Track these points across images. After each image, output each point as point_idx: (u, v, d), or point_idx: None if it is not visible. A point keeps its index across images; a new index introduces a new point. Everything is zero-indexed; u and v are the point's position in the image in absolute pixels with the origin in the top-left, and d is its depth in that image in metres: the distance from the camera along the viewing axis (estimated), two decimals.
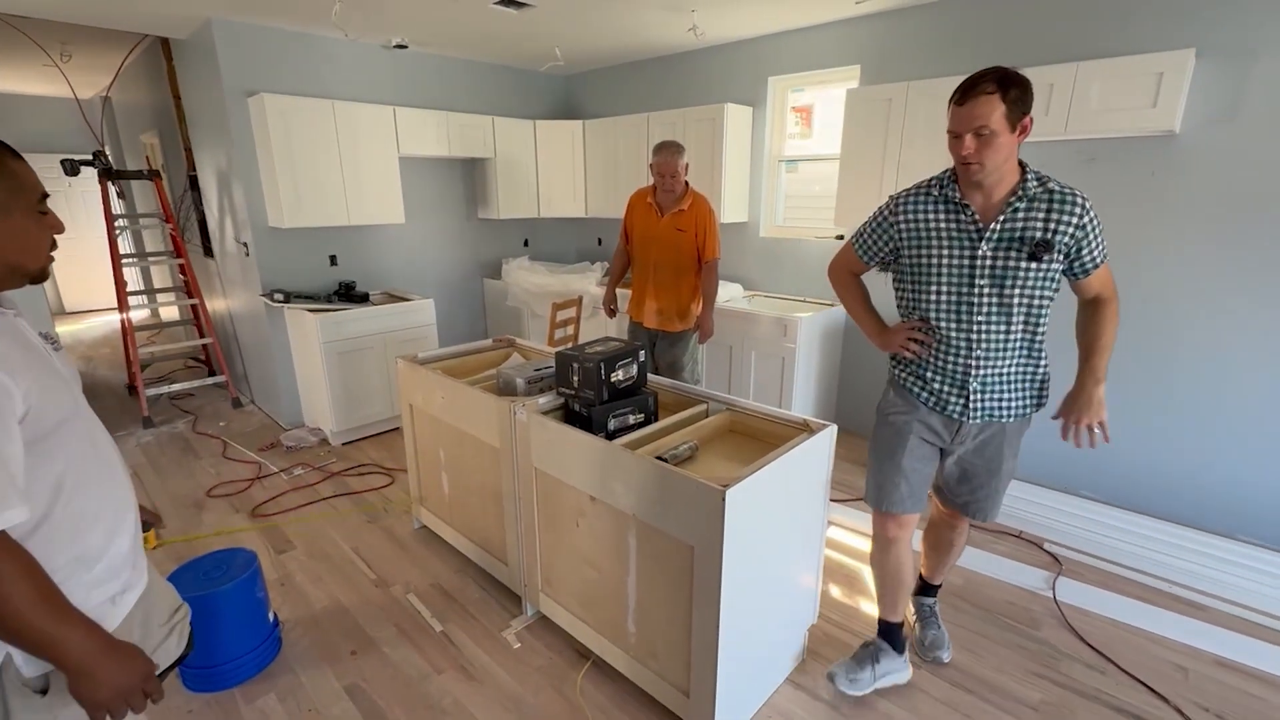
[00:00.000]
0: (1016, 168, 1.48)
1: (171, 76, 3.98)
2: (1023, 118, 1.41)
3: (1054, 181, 1.47)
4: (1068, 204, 1.44)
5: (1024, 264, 1.48)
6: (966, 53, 2.94)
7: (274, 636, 2.01)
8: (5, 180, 0.91)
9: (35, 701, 0.97)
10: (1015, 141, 1.42)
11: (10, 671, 0.94)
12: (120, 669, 0.95)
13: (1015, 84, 1.38)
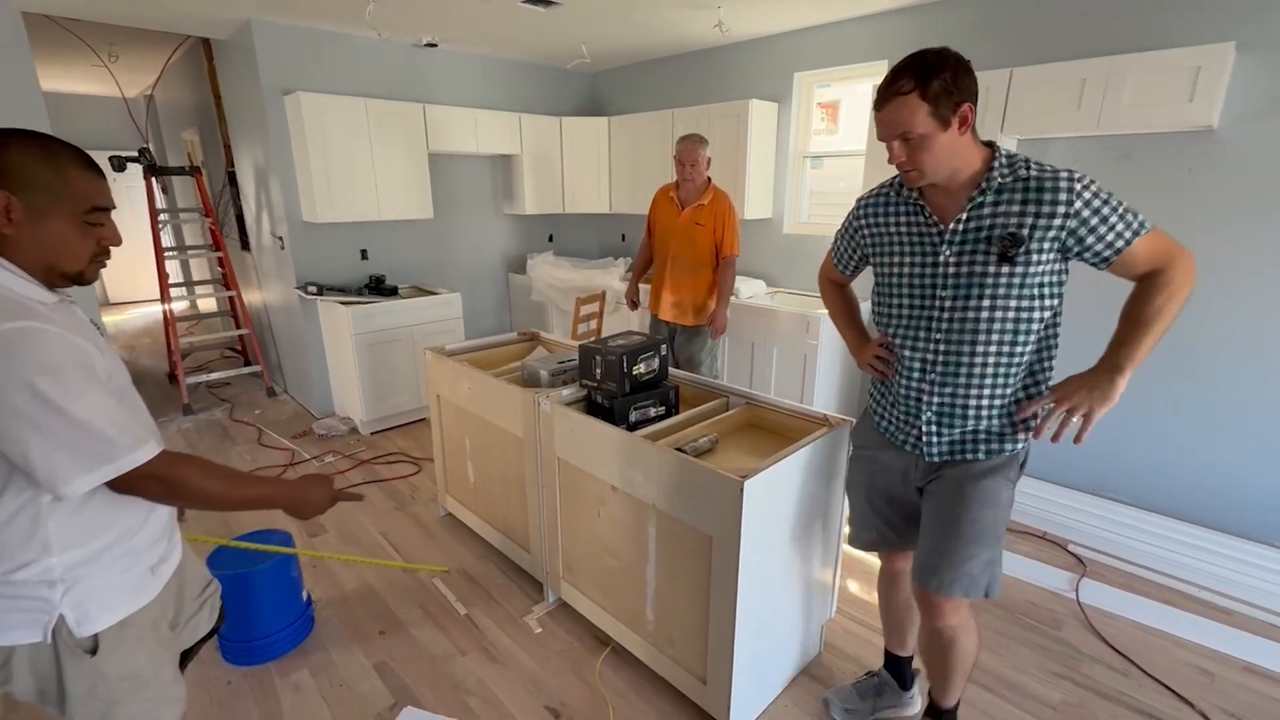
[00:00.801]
0: (978, 157, 1.24)
1: (212, 76, 4.12)
2: (957, 108, 1.18)
3: (1034, 165, 1.22)
4: (1047, 189, 1.19)
5: (993, 269, 1.24)
6: (995, 47, 2.90)
7: (307, 615, 2.10)
8: (51, 186, 0.96)
9: (85, 661, 1.04)
10: (957, 136, 1.20)
11: (63, 633, 1.01)
12: (314, 490, 1.22)
13: (939, 72, 1.16)
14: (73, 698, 1.04)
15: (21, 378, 0.86)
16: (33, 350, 0.87)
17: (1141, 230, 1.20)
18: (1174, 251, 1.22)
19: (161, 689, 1.15)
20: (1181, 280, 1.22)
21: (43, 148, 0.96)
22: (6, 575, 0.96)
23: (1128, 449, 2.81)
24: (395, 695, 1.84)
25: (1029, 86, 2.59)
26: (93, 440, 0.92)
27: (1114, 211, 1.20)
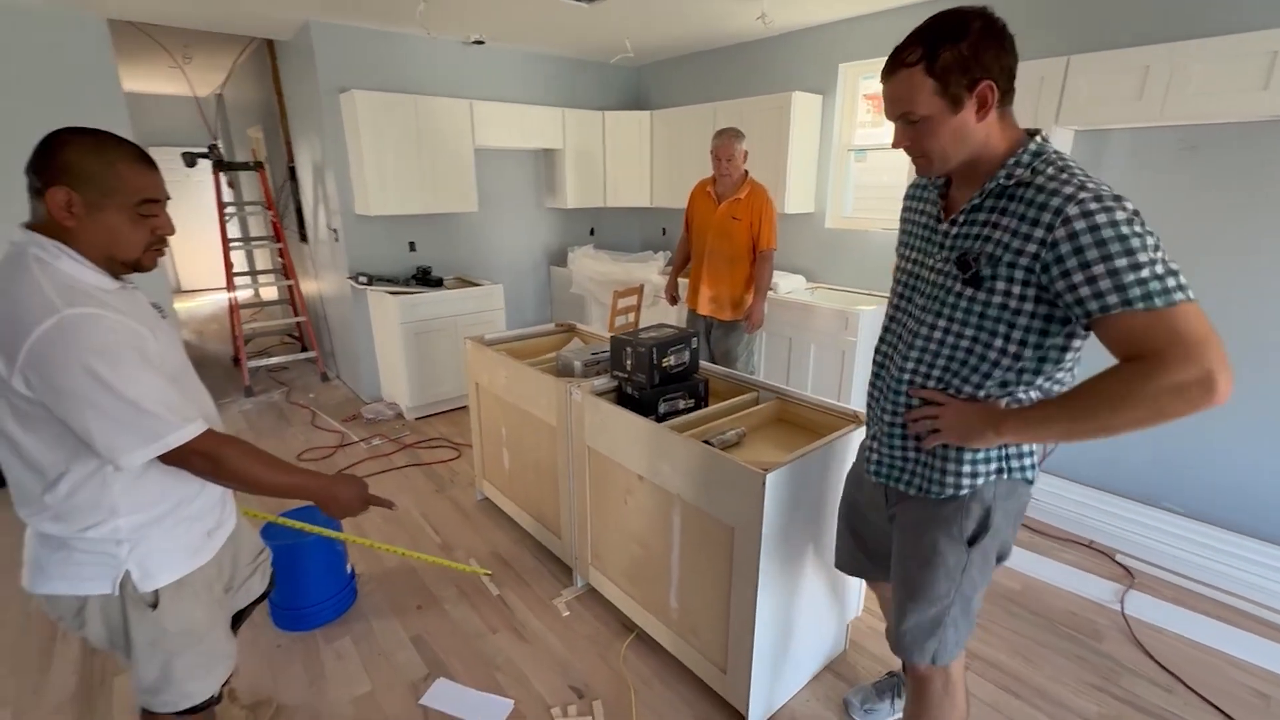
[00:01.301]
0: (1004, 148, 1.03)
1: (275, 75, 4.34)
2: (975, 85, 0.97)
3: (1052, 171, 0.97)
4: (1037, 205, 0.96)
5: (958, 287, 1.07)
6: (1052, 34, 2.77)
7: (351, 587, 2.22)
8: (105, 179, 1.03)
9: (148, 614, 1.15)
10: (972, 120, 1.00)
11: (129, 587, 1.12)
12: (346, 490, 1.26)
13: (953, 41, 0.96)
14: (137, 646, 1.15)
15: (80, 360, 0.95)
16: (90, 335, 0.96)
17: (1137, 305, 0.88)
18: (1171, 353, 0.87)
19: (214, 644, 1.26)
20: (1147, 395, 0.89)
21: (96, 145, 1.04)
22: (80, 533, 1.07)
23: (1184, 458, 2.67)
24: (429, 667, 1.93)
25: (1086, 75, 2.48)
26: (144, 418, 1.00)
27: (1106, 260, 0.89)
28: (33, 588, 1.11)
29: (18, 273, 0.98)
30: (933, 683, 1.28)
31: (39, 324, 0.93)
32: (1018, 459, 1.14)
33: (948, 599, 1.19)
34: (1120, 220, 0.90)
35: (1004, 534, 1.18)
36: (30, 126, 3.51)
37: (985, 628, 2.09)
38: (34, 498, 1.06)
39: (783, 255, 3.98)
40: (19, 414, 1.00)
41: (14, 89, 3.15)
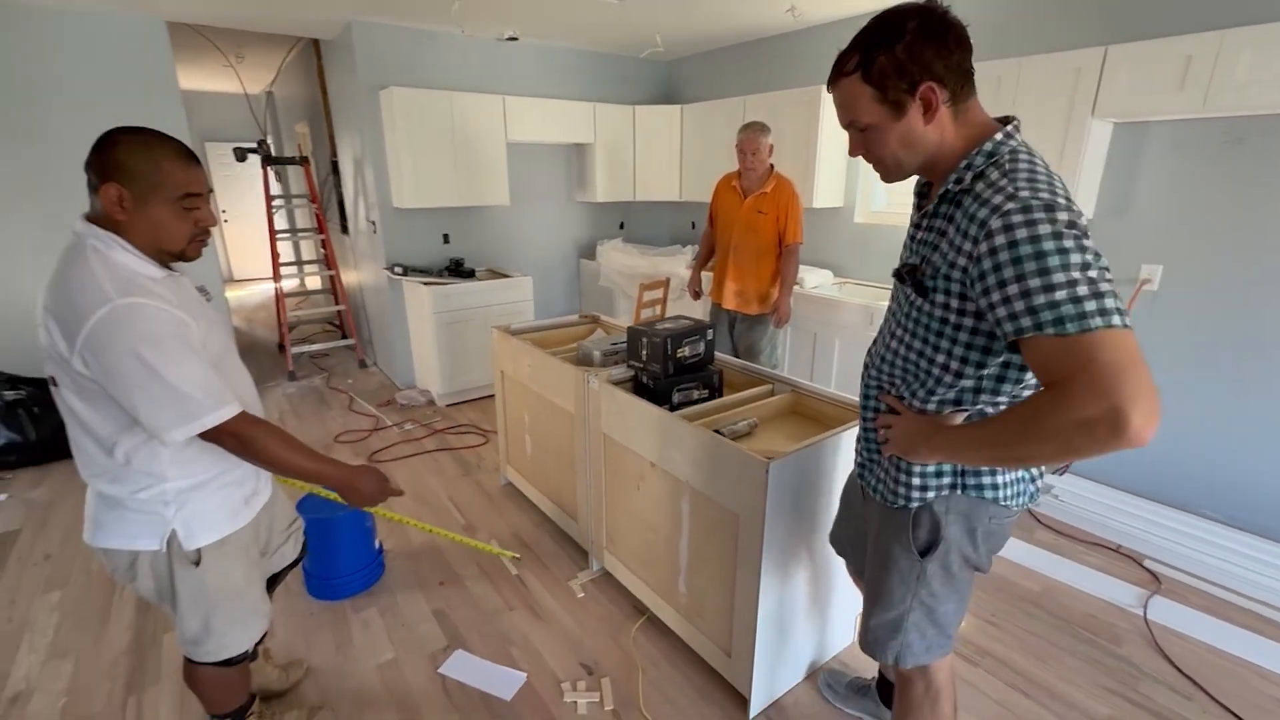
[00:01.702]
0: (959, 148, 0.98)
1: (320, 73, 4.51)
2: (915, 88, 0.93)
3: (994, 174, 0.91)
4: (968, 217, 0.91)
5: (912, 296, 1.05)
6: (1088, 23, 2.69)
7: (379, 561, 2.33)
8: (150, 175, 1.13)
9: (192, 570, 1.26)
10: (919, 124, 0.96)
11: (175, 545, 1.23)
12: (367, 480, 1.34)
13: (888, 44, 0.93)
14: (181, 599, 1.27)
15: (128, 346, 1.05)
16: (137, 323, 1.06)
17: (1047, 329, 0.81)
18: (1079, 383, 0.79)
19: (251, 602, 1.36)
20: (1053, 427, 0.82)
21: (143, 143, 1.13)
22: (132, 495, 1.18)
23: (1222, 465, 2.57)
24: (449, 639, 2.03)
25: (1125, 66, 2.40)
26: (183, 401, 1.10)
27: (1019, 279, 0.83)
28: (92, 541, 1.24)
29: (77, 262, 1.09)
30: (914, 685, 1.30)
31: (94, 312, 1.04)
32: (974, 475, 1.08)
33: (905, 605, 1.19)
34: (1043, 235, 0.82)
35: (965, 549, 1.14)
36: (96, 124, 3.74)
37: (999, 626, 2.08)
38: (94, 462, 1.18)
39: (810, 250, 3.96)
40: (81, 389, 1.11)
41: (82, 89, 3.38)
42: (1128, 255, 2.73)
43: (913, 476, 1.11)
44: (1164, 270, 2.64)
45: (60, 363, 1.09)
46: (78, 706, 1.77)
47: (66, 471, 3.20)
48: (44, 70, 3.28)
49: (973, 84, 0.99)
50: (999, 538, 1.16)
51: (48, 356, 1.12)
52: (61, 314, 1.06)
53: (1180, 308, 2.62)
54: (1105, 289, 0.81)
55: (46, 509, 2.83)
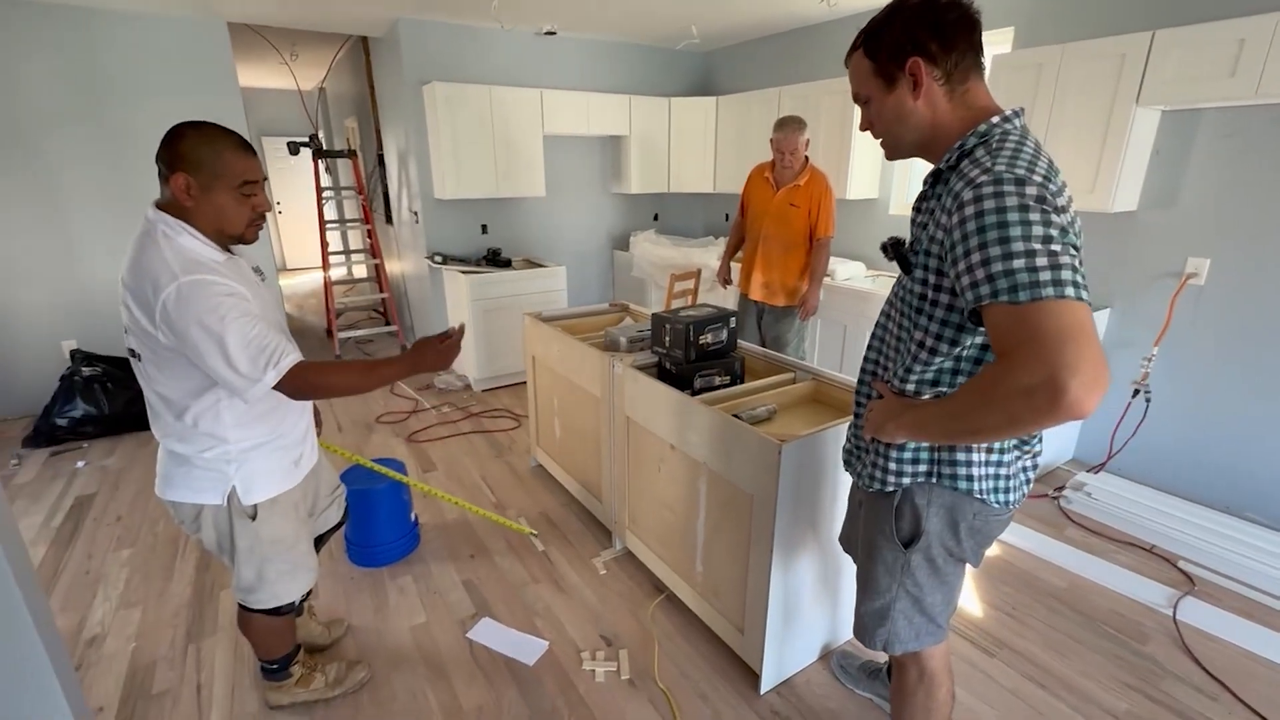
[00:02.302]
0: (955, 130, 1.00)
1: (368, 70, 4.70)
2: (902, 64, 0.98)
3: (980, 152, 0.94)
4: (950, 193, 0.93)
5: (901, 275, 1.10)
6: (1135, 7, 2.60)
7: (414, 533, 2.47)
8: (214, 164, 1.24)
9: (248, 524, 1.39)
10: (909, 99, 0.99)
11: (234, 500, 1.36)
12: (426, 354, 1.41)
13: (887, 22, 0.99)
14: (239, 550, 1.40)
15: (194, 317, 1.17)
16: (201, 297, 1.18)
17: (1001, 297, 0.82)
18: (1021, 351, 0.80)
19: (300, 556, 1.49)
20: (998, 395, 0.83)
21: (206, 136, 1.25)
22: (199, 454, 1.32)
23: (1267, 466, 2.48)
24: (477, 607, 2.14)
25: (1173, 50, 2.32)
26: (251, 362, 1.21)
27: (981, 248, 0.85)
28: (162, 494, 1.38)
29: (149, 246, 1.22)
30: (907, 671, 1.33)
31: (164, 289, 1.16)
32: (949, 465, 1.08)
33: (890, 594, 1.22)
34: (1009, 205, 0.84)
35: (948, 543, 1.15)
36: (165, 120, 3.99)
37: (1020, 620, 2.07)
38: (166, 425, 1.32)
39: (844, 242, 3.94)
40: (159, 360, 1.25)
41: (153, 87, 3.62)
42: (1173, 248, 2.64)
43: (889, 460, 1.13)
44: (1211, 264, 2.55)
45: (142, 336, 1.23)
46: (145, 651, 1.95)
47: (135, 441, 3.47)
48: (120, 70, 3.54)
49: (976, 67, 1.00)
50: (986, 535, 1.16)
51: (129, 331, 1.26)
52: (140, 293, 1.19)
53: (1228, 304, 2.53)
54: (1065, 262, 0.81)
55: (119, 475, 3.09)
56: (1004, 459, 1.09)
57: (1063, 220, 0.86)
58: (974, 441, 1.03)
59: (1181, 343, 2.66)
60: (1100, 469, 2.91)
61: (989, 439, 1.00)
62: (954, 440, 1.04)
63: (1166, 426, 2.74)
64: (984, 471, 1.09)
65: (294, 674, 1.70)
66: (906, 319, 1.09)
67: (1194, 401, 2.66)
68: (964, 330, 1.00)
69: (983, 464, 1.08)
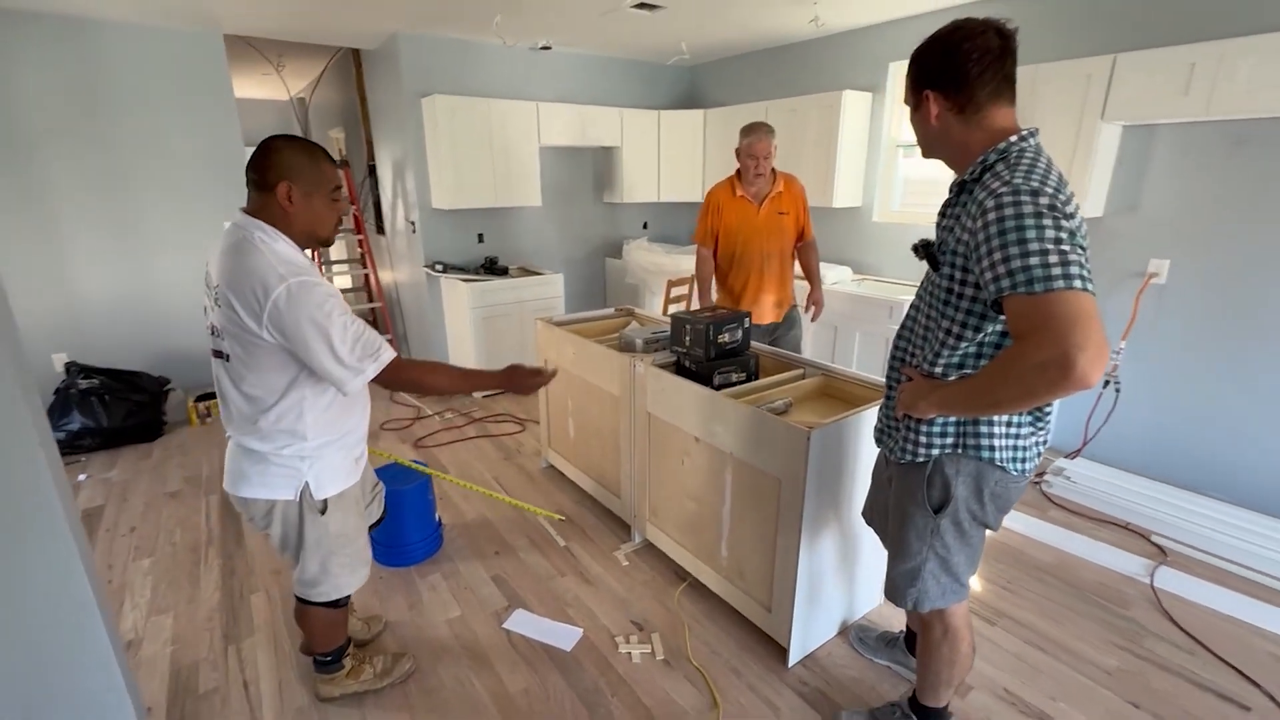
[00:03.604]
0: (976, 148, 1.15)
1: (359, 81, 4.74)
2: (919, 93, 1.18)
3: (1000, 167, 1.09)
4: (975, 201, 1.09)
5: (930, 271, 1.26)
6: (1098, 33, 2.86)
7: (438, 534, 2.53)
8: (315, 173, 1.35)
9: (318, 518, 1.47)
10: (929, 121, 1.18)
11: (306, 495, 1.43)
12: (517, 376, 1.59)
13: (917, 54, 1.19)
14: (308, 543, 1.47)
15: (306, 314, 1.26)
16: (309, 297, 1.27)
17: (1020, 289, 0.97)
18: (1038, 333, 0.95)
19: (360, 550, 1.57)
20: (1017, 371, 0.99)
21: (303, 148, 1.35)
22: (277, 450, 1.39)
23: (1226, 447, 2.73)
24: (509, 600, 2.22)
25: (1133, 72, 2.57)
26: (354, 355, 1.31)
27: (1002, 247, 1.00)
28: (236, 491, 1.44)
29: (251, 251, 1.29)
30: (933, 628, 1.47)
31: (275, 289, 1.24)
32: (974, 438, 1.23)
33: (921, 556, 1.36)
34: (1026, 213, 1.00)
35: (973, 508, 1.29)
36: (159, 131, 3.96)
37: (1016, 592, 2.25)
38: (247, 422, 1.38)
39: (831, 248, 4.14)
40: (251, 358, 1.32)
41: (147, 98, 3.61)
42: (1137, 250, 2.89)
43: (920, 435, 1.28)
44: (1171, 264, 2.80)
45: (239, 336, 1.30)
46: (185, 654, 1.98)
47: (136, 454, 3.43)
48: (115, 82, 3.52)
49: (999, 95, 1.14)
50: (1005, 500, 1.31)
51: (220, 334, 1.33)
52: (245, 296, 1.26)
53: (1187, 299, 2.78)
54: (1073, 259, 0.96)
55: (125, 487, 3.06)
56: (1020, 432, 1.24)
57: (1071, 225, 1.02)
58: (995, 413, 1.18)
59: (1146, 337, 2.91)
60: (1077, 455, 3.14)
61: (1009, 410, 1.14)
62: (978, 413, 1.18)
63: (1135, 414, 2.98)
64: (1004, 443, 1.24)
65: (346, 666, 1.76)
66: (935, 310, 1.24)
67: (1159, 391, 2.91)
68: (986, 319, 1.16)
69: (1003, 436, 1.24)
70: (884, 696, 1.80)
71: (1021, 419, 1.24)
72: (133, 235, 3.74)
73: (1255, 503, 2.67)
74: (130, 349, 3.85)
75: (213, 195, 3.95)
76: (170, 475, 3.19)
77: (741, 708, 1.77)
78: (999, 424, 1.23)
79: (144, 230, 3.77)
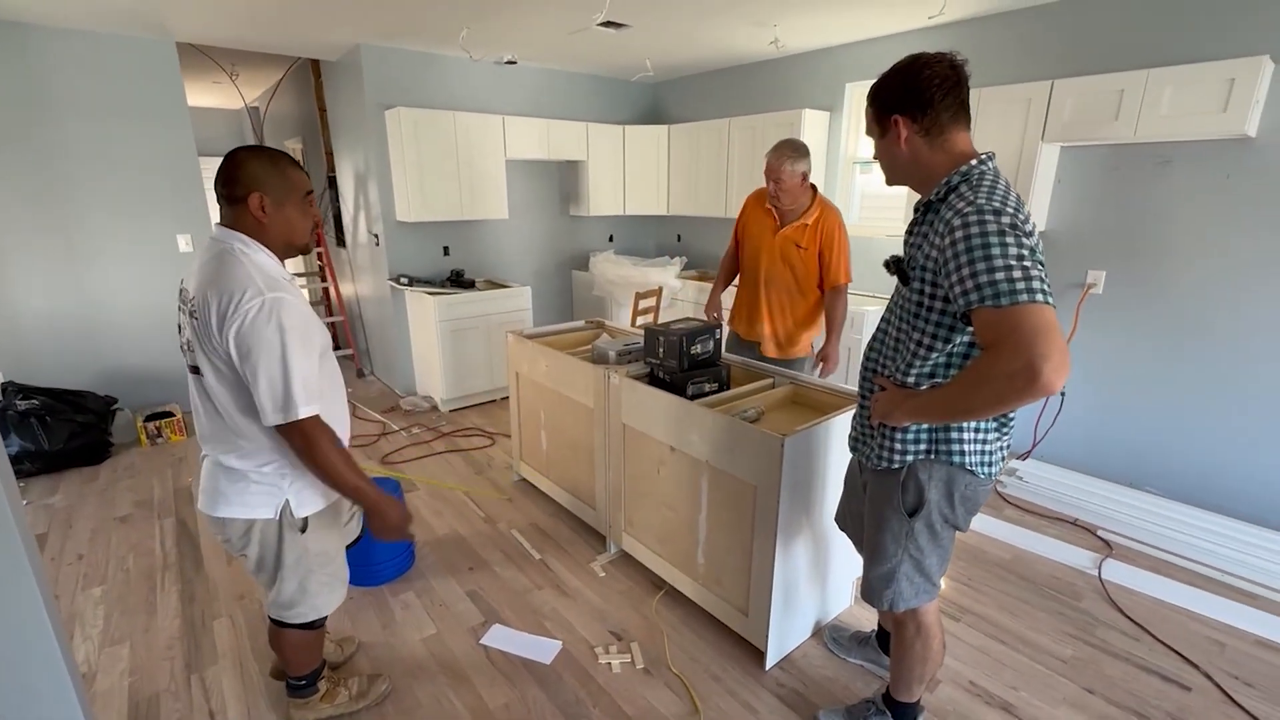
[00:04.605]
0: (942, 172, 1.23)
1: (318, 91, 4.66)
2: (888, 118, 1.25)
3: (964, 188, 1.17)
4: (941, 220, 1.17)
5: (899, 285, 1.33)
6: (1038, 60, 3.06)
7: (410, 551, 2.49)
8: (283, 181, 1.33)
9: (298, 536, 1.44)
10: (895, 146, 1.26)
11: (286, 513, 1.41)
12: (395, 510, 1.45)
13: (880, 83, 1.27)
14: (286, 563, 1.44)
15: (272, 332, 1.22)
16: (282, 314, 1.24)
17: (987, 302, 1.04)
18: (1005, 344, 1.02)
19: (339, 568, 1.54)
20: (987, 379, 1.07)
21: (268, 157, 1.33)
22: (258, 468, 1.36)
23: (1164, 444, 2.92)
24: (485, 615, 2.20)
25: (1069, 97, 2.76)
26: (290, 390, 1.25)
27: (970, 264, 1.07)
28: (213, 511, 1.40)
29: (231, 264, 1.27)
30: (906, 627, 1.53)
31: (249, 302, 1.22)
32: (944, 444, 1.30)
33: (897, 558, 1.42)
34: (990, 231, 1.07)
35: (945, 510, 1.36)
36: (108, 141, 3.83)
37: (977, 589, 2.35)
38: (225, 438, 1.35)
39: None
40: (221, 376, 1.29)
41: (93, 106, 3.48)
42: (1075, 262, 3.08)
43: (895, 442, 1.34)
44: (1106, 275, 3.00)
45: (209, 351, 1.26)
46: (144, 685, 1.89)
47: (80, 477, 3.26)
48: (58, 89, 3.38)
49: (957, 120, 1.23)
50: (974, 503, 1.38)
51: (193, 348, 1.29)
52: (222, 306, 1.23)
53: (1122, 307, 2.98)
54: (1034, 274, 1.04)
55: (69, 513, 2.90)
56: (987, 438, 1.32)
57: (1030, 243, 1.11)
58: (966, 419, 1.25)
59: (1087, 344, 3.10)
60: (1027, 456, 3.30)
61: (979, 416, 1.22)
62: (950, 419, 1.26)
63: (1079, 417, 3.16)
64: (972, 449, 1.32)
65: (320, 689, 1.72)
66: (906, 323, 1.31)
67: (1099, 394, 3.10)
68: (955, 330, 1.23)
69: (971, 442, 1.31)
70: (859, 694, 1.86)
71: (987, 426, 1.32)
72: (76, 248, 3.58)
73: (1188, 495, 2.86)
74: (74, 368, 3.66)
75: (165, 207, 3.82)
76: (119, 499, 3.04)
77: (722, 712, 1.80)
78: (968, 430, 1.30)
79: (89, 243, 3.60)
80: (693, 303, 4.62)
